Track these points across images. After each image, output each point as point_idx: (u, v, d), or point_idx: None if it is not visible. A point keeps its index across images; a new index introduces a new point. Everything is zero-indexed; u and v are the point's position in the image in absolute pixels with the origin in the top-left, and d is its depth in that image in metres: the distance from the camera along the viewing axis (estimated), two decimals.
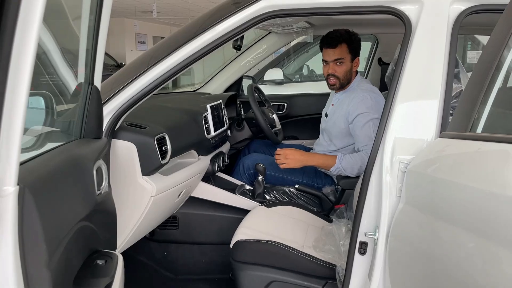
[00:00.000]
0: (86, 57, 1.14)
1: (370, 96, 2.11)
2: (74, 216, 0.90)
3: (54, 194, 0.83)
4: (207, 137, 2.06)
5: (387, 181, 1.31)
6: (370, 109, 2.08)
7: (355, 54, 2.20)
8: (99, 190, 1.06)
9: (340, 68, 2.19)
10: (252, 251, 1.68)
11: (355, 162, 2.06)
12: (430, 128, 1.31)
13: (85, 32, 1.09)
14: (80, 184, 0.96)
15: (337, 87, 2.24)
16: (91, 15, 1.07)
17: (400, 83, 1.35)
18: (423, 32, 1.35)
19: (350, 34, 2.19)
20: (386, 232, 1.31)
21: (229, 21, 1.48)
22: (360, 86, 2.22)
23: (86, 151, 1.06)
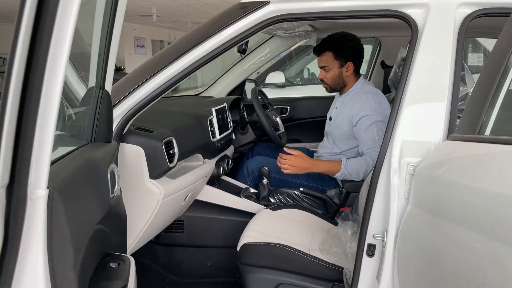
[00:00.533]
0: (98, 62, 1.15)
1: (373, 99, 2.12)
2: (92, 219, 0.90)
3: (76, 197, 0.84)
4: (212, 140, 2.07)
5: (395, 184, 1.32)
6: (374, 111, 2.09)
7: (347, 59, 2.21)
8: (113, 194, 1.07)
9: (327, 75, 2.24)
10: (259, 254, 1.69)
11: (360, 166, 2.07)
12: (437, 130, 1.32)
13: (97, 36, 1.10)
14: (96, 187, 0.97)
15: (328, 91, 2.31)
16: (105, 19, 1.08)
17: (407, 86, 1.36)
18: (429, 36, 1.37)
19: (339, 40, 2.20)
20: (394, 234, 1.32)
21: (236, 25, 1.50)
22: (363, 88, 2.23)
23: (100, 154, 1.07)
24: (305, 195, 2.30)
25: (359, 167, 2.07)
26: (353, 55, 2.22)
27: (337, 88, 2.30)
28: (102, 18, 1.08)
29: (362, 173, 2.07)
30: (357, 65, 2.26)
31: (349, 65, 2.22)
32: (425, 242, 1.19)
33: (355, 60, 2.24)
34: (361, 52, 2.27)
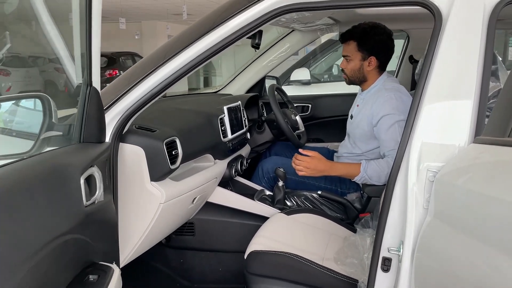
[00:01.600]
0: (81, 59, 1.07)
1: (395, 96, 1.96)
2: (50, 231, 0.82)
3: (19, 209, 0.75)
4: (223, 140, 1.97)
5: (413, 191, 1.18)
6: (396, 110, 1.93)
7: (371, 53, 2.05)
8: (90, 200, 0.99)
9: (348, 65, 2.11)
10: (266, 263, 1.57)
11: (382, 169, 1.92)
12: (462, 132, 1.16)
13: (77, 34, 1.03)
14: (59, 196, 0.88)
15: (347, 82, 2.19)
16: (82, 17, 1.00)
17: (428, 81, 1.21)
18: (455, 25, 1.21)
19: (365, 31, 2.05)
20: (411, 248, 1.17)
21: (241, 16, 1.39)
22: (385, 85, 2.07)
23: (74, 159, 0.99)
24: (324, 199, 2.17)
25: (380, 170, 1.92)
26: (378, 50, 2.06)
27: (356, 82, 2.16)
28: (79, 16, 1.00)
29: (384, 176, 1.92)
30: (382, 62, 2.09)
31: (372, 60, 2.06)
32: (446, 259, 1.04)
33: (380, 56, 2.07)
34: (389, 49, 2.09)
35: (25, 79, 11.31)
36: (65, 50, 1.37)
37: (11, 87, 10.85)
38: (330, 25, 2.36)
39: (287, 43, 2.67)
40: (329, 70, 5.16)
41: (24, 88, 10.98)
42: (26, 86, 11.13)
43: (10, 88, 10.82)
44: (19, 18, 2.85)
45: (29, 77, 11.41)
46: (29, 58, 11.82)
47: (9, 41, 3.49)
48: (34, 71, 11.54)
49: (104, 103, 1.37)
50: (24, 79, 11.27)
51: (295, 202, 2.16)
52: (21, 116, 1.25)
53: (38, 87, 11.28)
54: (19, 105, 1.28)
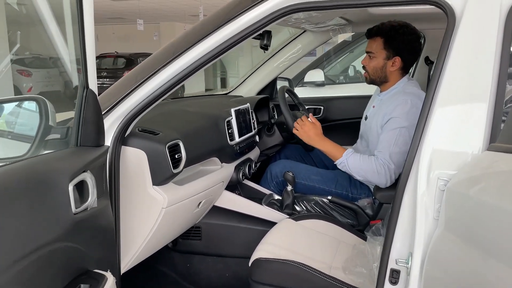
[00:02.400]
0: (76, 62, 1.05)
1: (411, 102, 1.88)
2: (32, 240, 0.79)
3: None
4: (230, 143, 1.92)
5: (422, 201, 1.11)
6: (405, 115, 1.87)
7: (396, 53, 1.97)
8: (80, 207, 0.95)
9: (370, 62, 2.03)
10: (271, 271, 1.52)
11: (361, 165, 1.91)
12: (476, 138, 1.09)
13: (71, 38, 1.00)
14: (43, 204, 0.85)
15: (367, 81, 2.11)
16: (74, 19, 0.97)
17: (440, 84, 1.14)
18: (469, 25, 1.14)
19: (394, 29, 1.96)
20: (420, 261, 1.11)
21: (247, 15, 1.34)
22: (405, 88, 1.99)
23: (63, 164, 0.95)
24: (334, 204, 2.10)
25: (361, 165, 1.91)
26: (405, 50, 1.97)
27: (377, 81, 2.07)
28: (71, 19, 0.97)
29: (362, 174, 1.92)
30: (406, 64, 2.01)
31: (397, 60, 1.98)
32: (457, 273, 0.97)
33: (406, 57, 1.99)
34: (416, 51, 2.02)
35: (46, 80, 11.52)
36: (67, 53, 1.36)
37: (32, 88, 11.06)
38: (343, 26, 2.30)
39: (299, 44, 2.61)
40: (345, 71, 5.07)
41: (45, 89, 11.18)
42: (46, 86, 11.33)
43: (32, 88, 11.03)
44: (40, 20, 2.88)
45: (49, 78, 11.61)
46: (50, 59, 12.02)
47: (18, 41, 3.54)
48: (55, 72, 11.73)
49: (106, 105, 1.35)
50: (44, 80, 11.48)
51: (305, 207, 2.10)
52: (18, 118, 1.23)
53: (59, 87, 11.47)
54: (17, 107, 1.26)
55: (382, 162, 1.88)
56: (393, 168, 1.88)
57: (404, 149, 1.87)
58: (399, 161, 1.88)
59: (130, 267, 1.58)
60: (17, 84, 10.41)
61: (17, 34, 3.31)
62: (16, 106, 1.25)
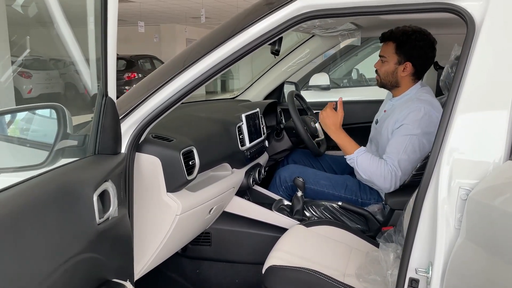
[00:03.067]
0: (97, 68, 1.04)
1: (424, 109, 1.88)
2: (61, 254, 0.78)
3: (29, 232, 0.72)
4: (241, 149, 1.92)
5: (443, 210, 1.10)
6: (417, 123, 1.87)
7: (407, 58, 1.97)
8: (102, 218, 0.95)
9: (382, 67, 2.04)
10: (285, 279, 1.51)
11: (370, 166, 1.92)
12: (497, 147, 1.09)
13: (92, 41, 0.99)
14: (70, 216, 0.84)
15: (378, 84, 2.12)
16: (97, 24, 0.97)
17: (460, 92, 1.14)
18: (489, 32, 1.13)
19: (406, 34, 1.96)
20: (441, 271, 1.10)
21: (262, 23, 1.34)
22: (418, 95, 1.98)
23: (87, 175, 0.95)
24: (345, 210, 2.10)
25: (369, 165, 1.92)
26: (416, 56, 1.97)
27: (388, 85, 2.08)
28: (94, 23, 0.97)
29: (368, 174, 1.93)
30: (418, 70, 2.01)
31: (408, 65, 1.98)
32: (480, 284, 0.96)
33: (417, 63, 1.99)
34: (428, 57, 2.01)
35: (46, 81, 11.48)
36: (81, 56, 1.35)
37: (32, 89, 11.02)
38: (352, 31, 2.29)
39: (307, 49, 2.61)
40: (349, 74, 5.07)
41: (45, 91, 11.14)
42: (46, 88, 11.29)
43: (31, 90, 11.00)
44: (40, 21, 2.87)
45: (49, 79, 11.57)
46: (50, 61, 11.99)
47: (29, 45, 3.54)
48: (55, 74, 11.70)
49: (121, 112, 1.34)
50: (44, 82, 11.45)
51: (314, 212, 2.09)
52: (35, 125, 1.23)
53: (59, 89, 11.44)
54: (34, 114, 1.25)
55: (390, 168, 1.88)
56: (399, 175, 1.89)
57: (413, 156, 1.87)
58: (406, 168, 1.89)
59: (143, 274, 1.57)
60: (17, 86, 10.37)
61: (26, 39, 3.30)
62: (33, 113, 1.24)
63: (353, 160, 1.98)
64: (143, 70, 13.20)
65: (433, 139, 1.84)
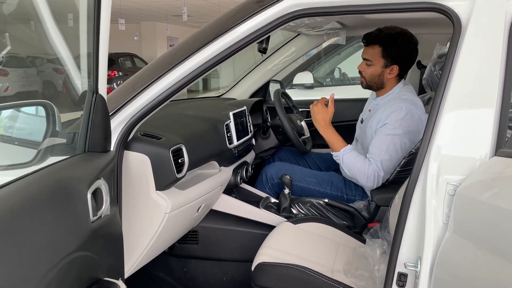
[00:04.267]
0: (88, 64, 1.03)
1: (406, 108, 1.92)
2: (57, 252, 0.77)
3: (26, 230, 0.70)
4: (229, 147, 1.92)
5: (432, 205, 1.13)
6: (399, 123, 1.91)
7: (394, 61, 2.00)
8: (96, 216, 0.94)
9: (367, 69, 2.05)
10: (275, 275, 1.52)
11: (354, 165, 1.96)
12: (483, 144, 1.12)
13: (84, 38, 0.98)
14: (66, 213, 0.83)
15: (363, 86, 2.14)
16: (89, 19, 0.95)
17: (447, 90, 1.16)
18: (475, 32, 1.16)
19: (393, 37, 1.98)
20: (430, 265, 1.13)
21: (251, 21, 1.34)
22: (401, 94, 2.02)
23: (80, 172, 0.93)
24: (331, 207, 2.12)
25: (353, 163, 1.97)
26: (403, 59, 2.01)
27: (373, 87, 2.10)
28: (87, 19, 0.95)
29: (353, 172, 1.98)
30: (403, 70, 2.05)
31: (395, 68, 2.01)
32: (468, 277, 0.99)
33: (403, 65, 2.02)
34: (413, 58, 2.05)
35: (23, 79, 11.22)
36: (67, 52, 1.33)
37: (8, 87, 10.75)
38: (337, 30, 2.31)
39: (293, 47, 2.62)
40: (331, 73, 5.12)
41: (22, 89, 10.89)
42: (23, 86, 11.03)
43: (8, 88, 10.73)
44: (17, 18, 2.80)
45: (27, 77, 11.31)
46: (28, 58, 11.71)
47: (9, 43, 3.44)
48: (32, 71, 11.44)
49: (109, 109, 1.33)
50: (22, 79, 11.18)
51: (301, 210, 2.11)
52: (22, 123, 1.20)
53: (36, 87, 11.19)
54: (20, 111, 1.23)
55: (374, 168, 1.94)
56: (382, 175, 1.95)
57: (394, 156, 1.92)
58: (388, 168, 1.94)
59: (131, 273, 1.55)
60: None
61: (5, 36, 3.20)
62: (18, 111, 1.22)
63: (339, 158, 2.02)
64: (124, 68, 13.04)
65: (415, 138, 1.91)
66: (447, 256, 1.07)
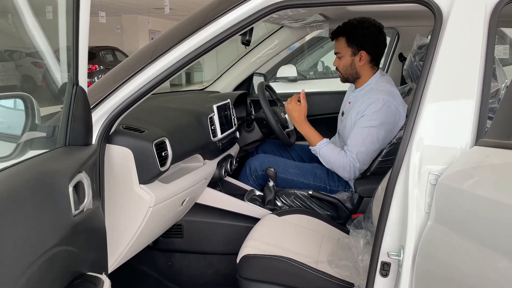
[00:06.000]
0: (67, 56, 1.00)
1: (383, 99, 1.96)
2: (37, 247, 0.75)
3: (7, 224, 0.69)
4: (213, 140, 1.91)
5: (414, 195, 1.14)
6: (375, 115, 1.95)
7: (360, 48, 2.04)
8: (78, 209, 0.92)
9: (340, 62, 2.11)
10: (260, 267, 1.53)
11: (330, 157, 2.02)
12: (464, 134, 1.13)
13: (64, 29, 0.96)
14: (47, 207, 0.82)
15: (342, 80, 2.20)
16: (69, 10, 0.93)
17: (429, 82, 1.18)
18: (456, 24, 1.18)
19: (353, 26, 2.04)
20: (412, 253, 1.14)
21: (234, 12, 1.32)
22: (378, 86, 2.05)
23: (61, 165, 0.92)
24: (315, 198, 2.13)
25: (330, 157, 2.03)
26: (367, 43, 2.04)
27: (350, 79, 2.14)
28: (66, 11, 0.93)
29: (330, 165, 2.04)
30: (374, 56, 2.07)
31: (363, 54, 2.05)
32: (449, 264, 1.01)
33: (371, 50, 2.05)
34: (379, 42, 2.08)
35: (1, 74, 10.96)
36: (47, 45, 1.30)
37: None
38: (321, 22, 2.32)
39: (276, 40, 2.62)
40: (315, 67, 5.13)
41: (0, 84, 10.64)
42: (1, 81, 10.78)
43: None
44: None
45: (5, 72, 11.05)
46: (5, 52, 11.44)
47: None
48: (10, 66, 11.18)
49: (90, 102, 1.31)
50: None
51: (285, 202, 2.12)
52: (0, 116, 1.17)
53: (15, 82, 10.95)
54: None
55: (349, 160, 1.98)
56: (358, 166, 1.99)
57: (371, 147, 1.97)
58: (365, 159, 1.99)
59: (115, 268, 1.54)
60: None
61: None
62: None
63: (316, 151, 2.08)
64: (105, 62, 12.84)
65: (393, 128, 1.94)
66: (429, 244, 1.09)
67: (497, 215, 0.87)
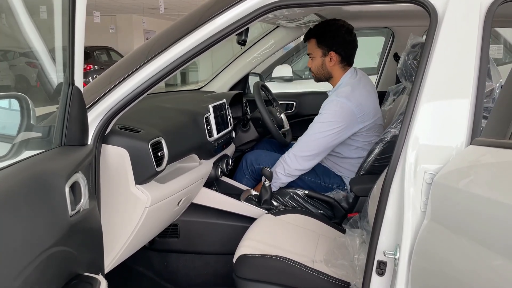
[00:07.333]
0: (63, 56, 1.00)
1: (337, 100, 2.03)
2: (34, 248, 0.75)
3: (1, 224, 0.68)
4: (209, 140, 1.91)
5: (410, 194, 1.15)
6: (326, 110, 2.04)
7: (329, 48, 2.09)
8: (75, 210, 0.92)
9: (312, 63, 2.17)
10: (256, 267, 1.53)
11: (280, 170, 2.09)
12: (459, 133, 1.14)
13: (59, 29, 0.95)
14: (43, 208, 0.81)
15: (315, 80, 2.25)
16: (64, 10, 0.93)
17: (424, 81, 1.18)
18: (451, 24, 1.18)
19: (322, 27, 2.09)
20: (408, 252, 1.15)
21: (230, 12, 1.32)
22: (340, 87, 2.10)
23: (58, 165, 0.91)
24: (311, 198, 2.14)
25: (280, 171, 2.09)
26: (336, 44, 2.09)
27: (322, 78, 2.20)
28: (61, 10, 0.93)
29: (289, 169, 2.08)
30: (344, 56, 2.11)
31: (332, 54, 2.10)
32: (445, 263, 1.02)
33: (339, 50, 2.10)
34: (348, 42, 2.12)
35: None
36: (42, 45, 1.29)
37: None
38: (316, 22, 2.32)
39: (272, 40, 2.62)
40: None
41: None
42: None
43: None
44: None
45: None
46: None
47: None
48: (4, 66, 11.10)
49: (85, 102, 1.30)
50: None
51: (280, 201, 2.12)
52: None
53: (9, 82, 10.88)
54: None
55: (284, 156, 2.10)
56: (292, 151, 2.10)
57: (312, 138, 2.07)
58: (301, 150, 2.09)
59: (111, 269, 1.54)
60: None
61: None
62: None
63: (280, 181, 2.12)
64: (99, 61, 12.80)
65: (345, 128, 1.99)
66: (425, 243, 1.10)
67: (492, 214, 0.87)
